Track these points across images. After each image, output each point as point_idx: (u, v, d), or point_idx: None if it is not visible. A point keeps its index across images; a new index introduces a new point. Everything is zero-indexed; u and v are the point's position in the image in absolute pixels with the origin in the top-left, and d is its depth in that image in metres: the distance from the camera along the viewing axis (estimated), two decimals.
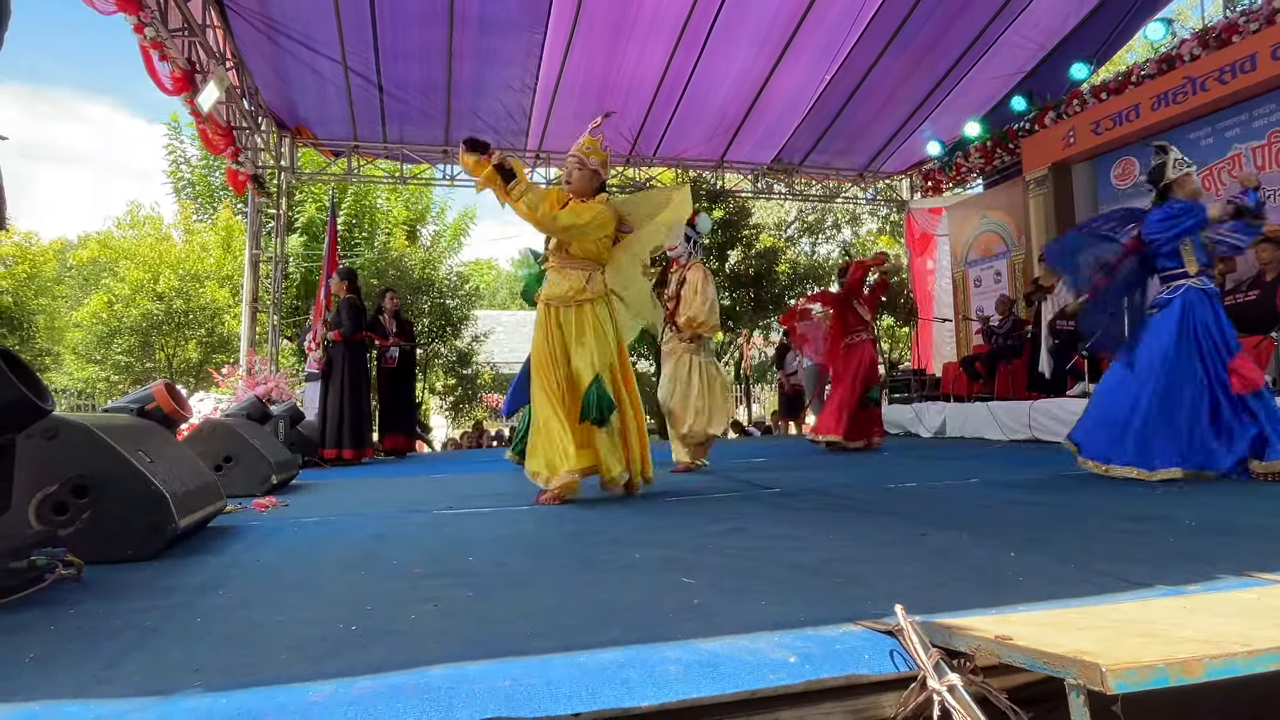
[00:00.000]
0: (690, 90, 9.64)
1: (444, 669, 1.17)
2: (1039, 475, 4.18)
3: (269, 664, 1.27)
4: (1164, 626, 1.19)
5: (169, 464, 2.53)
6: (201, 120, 7.63)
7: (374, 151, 10.69)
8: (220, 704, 1.06)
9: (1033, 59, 9.50)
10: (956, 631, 1.21)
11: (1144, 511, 2.77)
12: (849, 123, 10.75)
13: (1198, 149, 7.83)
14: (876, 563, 1.99)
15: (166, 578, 1.99)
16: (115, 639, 1.43)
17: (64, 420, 2.20)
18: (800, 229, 19.16)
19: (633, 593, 1.72)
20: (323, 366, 6.98)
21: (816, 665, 1.21)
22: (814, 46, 8.99)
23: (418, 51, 8.59)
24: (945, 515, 2.83)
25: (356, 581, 1.91)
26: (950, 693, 1.17)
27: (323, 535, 2.75)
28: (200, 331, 15.36)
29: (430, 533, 2.74)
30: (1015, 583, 1.74)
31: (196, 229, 16.39)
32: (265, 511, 3.47)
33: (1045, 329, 8.01)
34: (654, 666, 1.18)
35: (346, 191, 14.37)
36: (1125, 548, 2.11)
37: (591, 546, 2.34)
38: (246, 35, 8.05)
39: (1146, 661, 0.95)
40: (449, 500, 3.74)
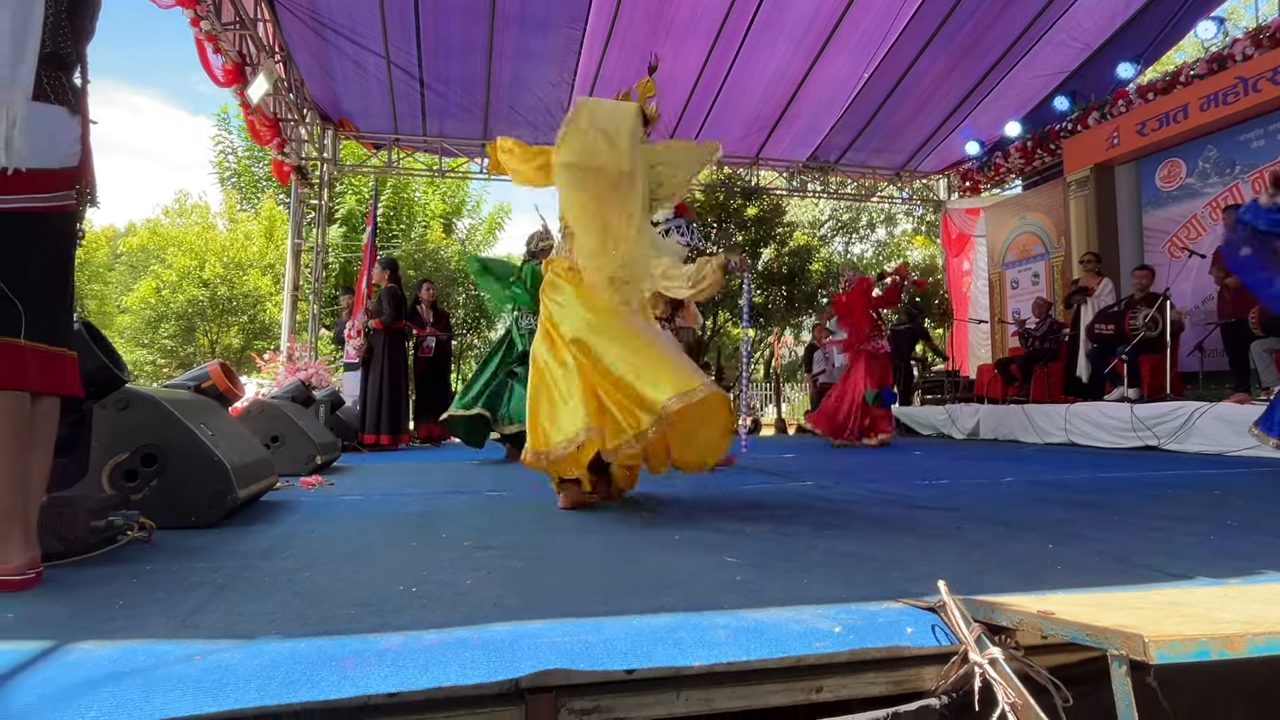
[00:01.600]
0: (727, 87, 9.64)
1: (505, 626, 1.24)
2: (1077, 477, 4.15)
3: (338, 618, 1.35)
4: (1205, 609, 1.21)
5: (228, 438, 2.65)
6: (250, 111, 7.84)
7: (413, 144, 10.87)
8: (300, 648, 1.14)
9: (1077, 58, 9.34)
10: (999, 607, 1.25)
11: (1188, 513, 2.75)
12: (886, 121, 10.67)
13: (1248, 151, 7.67)
14: (915, 550, 2.02)
15: (230, 543, 2.10)
16: (193, 592, 1.52)
17: (135, 392, 2.31)
18: (834, 228, 19.03)
19: (677, 568, 1.78)
20: (364, 354, 7.14)
21: (861, 636, 1.26)
22: (853, 44, 8.95)
23: (459, 46, 8.72)
24: (981, 510, 2.84)
25: (410, 551, 1.99)
26: (992, 665, 1.20)
27: (371, 511, 2.85)
28: (242, 318, 15.75)
29: (474, 511, 2.82)
30: (1054, 571, 1.77)
31: (240, 218, 16.80)
32: (312, 489, 3.59)
33: (1084, 333, 7.89)
34: (704, 630, 1.23)
35: (386, 184, 14.61)
36: (1166, 544, 2.11)
37: (632, 529, 2.40)
38: (294, 29, 8.24)
39: (1189, 635, 0.98)
40: (489, 484, 3.83)
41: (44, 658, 1.09)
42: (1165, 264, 8.35)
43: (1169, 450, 6.02)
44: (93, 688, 0.99)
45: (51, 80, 1.56)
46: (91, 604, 1.43)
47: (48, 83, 1.55)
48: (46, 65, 1.53)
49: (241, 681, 1.02)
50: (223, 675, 1.03)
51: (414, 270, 13.41)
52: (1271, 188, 3.84)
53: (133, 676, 1.02)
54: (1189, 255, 7.67)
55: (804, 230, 17.29)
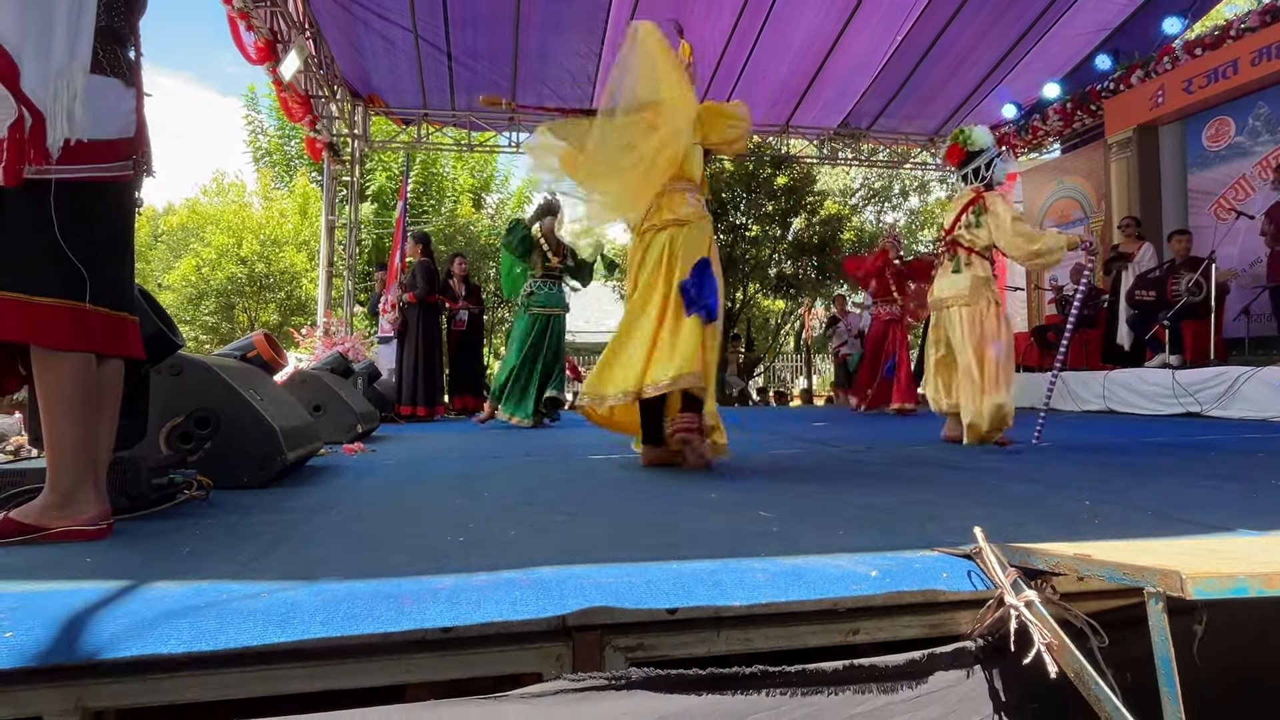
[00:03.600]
0: (757, 53, 9.50)
1: (552, 569, 1.29)
2: (1115, 440, 4.10)
3: (392, 563, 1.41)
4: (1244, 554, 1.22)
5: (276, 403, 2.74)
6: (283, 89, 7.92)
7: (442, 119, 10.90)
8: (359, 587, 1.20)
9: (1121, 14, 9.01)
10: (1035, 552, 1.27)
11: (1229, 472, 2.72)
12: (920, 86, 10.43)
13: None
14: (950, 506, 2.03)
15: (283, 500, 2.18)
16: (253, 541, 1.60)
17: (187, 358, 2.40)
18: (866, 196, 18.73)
19: (714, 522, 1.82)
20: (399, 327, 7.26)
21: (896, 580, 1.28)
22: (886, 6, 8.74)
23: (486, 18, 8.70)
24: (1017, 470, 2.84)
25: (454, 507, 2.06)
26: (1028, 608, 1.22)
27: (414, 473, 2.93)
28: (280, 294, 16.05)
29: (513, 473, 2.89)
30: (1091, 524, 1.78)
31: (275, 196, 17.05)
32: (355, 456, 3.70)
33: (1124, 299, 7.72)
34: (743, 573, 1.27)
35: (415, 159, 14.70)
36: (1206, 500, 2.10)
37: (668, 487, 2.45)
38: (323, 5, 8.28)
39: (1227, 572, 0.99)
40: (526, 450, 3.91)
41: (125, 594, 1.17)
42: (1210, 226, 8.10)
43: (1212, 416, 5.91)
44: (172, 619, 1.06)
45: (107, 53, 1.61)
46: (161, 552, 1.52)
47: (103, 56, 1.60)
48: (102, 39, 1.58)
49: (306, 615, 1.09)
50: (289, 609, 1.09)
51: (445, 245, 13.53)
52: None
53: (207, 610, 1.09)
54: (1237, 217, 7.41)
55: (835, 199, 17.06)
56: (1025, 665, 1.20)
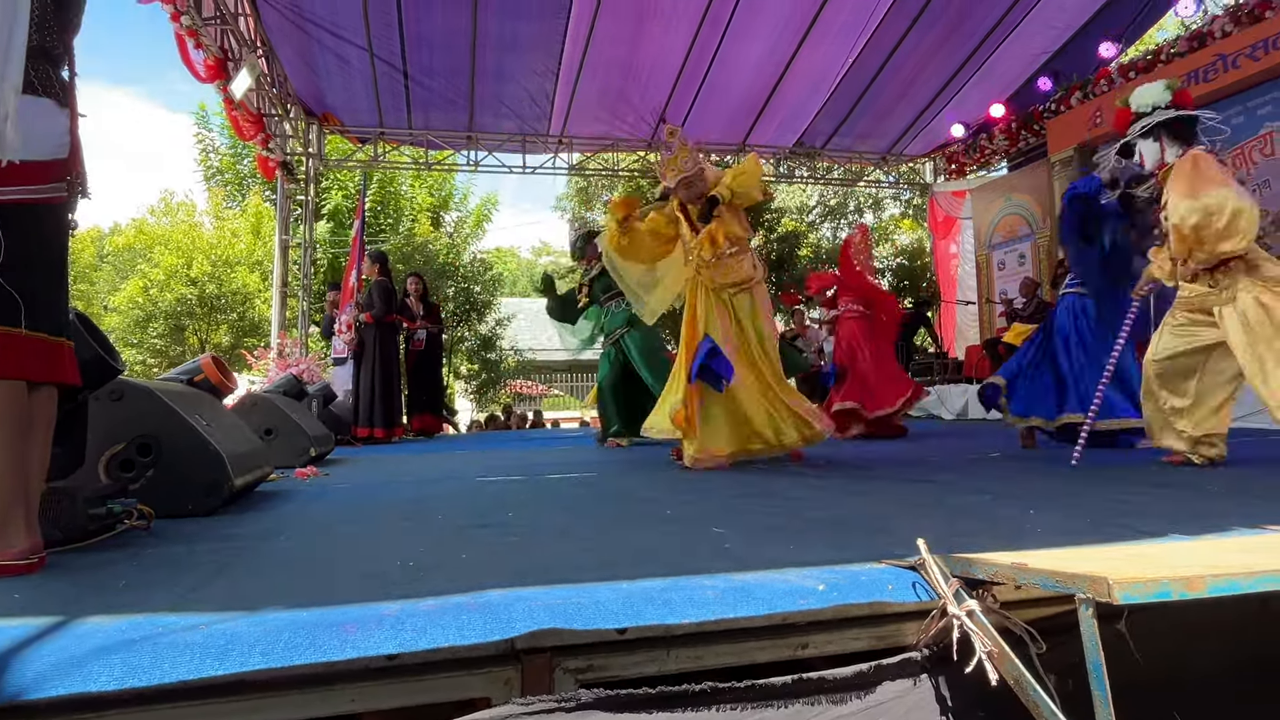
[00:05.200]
0: (713, 73, 9.65)
1: (500, 591, 1.28)
2: (1062, 450, 4.21)
3: (338, 590, 1.38)
4: (1170, 558, 1.27)
5: (223, 428, 2.67)
6: (234, 107, 7.80)
7: (399, 138, 10.83)
8: (302, 616, 1.18)
9: (1059, 39, 9.39)
10: (975, 562, 1.30)
11: (1170, 480, 2.82)
12: (871, 106, 10.70)
13: (1229, 127, 7.73)
14: (900, 518, 2.07)
15: (229, 528, 2.13)
16: (194, 571, 1.56)
17: (129, 383, 2.34)
18: (822, 213, 19.07)
19: (668, 540, 1.82)
20: (355, 348, 7.15)
21: (844, 593, 1.30)
22: (837, 28, 8.96)
23: (442, 37, 8.69)
24: (968, 482, 2.90)
25: (406, 531, 2.03)
26: (969, 617, 1.25)
27: (367, 497, 2.88)
28: (231, 316, 15.68)
29: (468, 496, 2.86)
30: (1034, 534, 1.82)
31: (227, 216, 16.70)
32: (307, 480, 3.62)
33: None
34: (693, 591, 1.28)
35: (372, 178, 14.56)
36: (1144, 507, 2.17)
37: (624, 505, 2.45)
38: (276, 23, 8.19)
39: (1150, 576, 1.03)
40: (482, 471, 3.87)
41: (54, 631, 1.13)
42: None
43: None
44: (104, 655, 1.02)
45: (39, 73, 1.57)
46: (95, 585, 1.47)
47: (35, 76, 1.56)
48: (34, 59, 1.55)
49: (246, 646, 1.06)
50: (228, 641, 1.07)
51: (403, 264, 13.39)
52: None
53: (141, 644, 1.05)
54: None
55: (791, 216, 17.33)
56: (969, 673, 1.22)
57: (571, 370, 24.31)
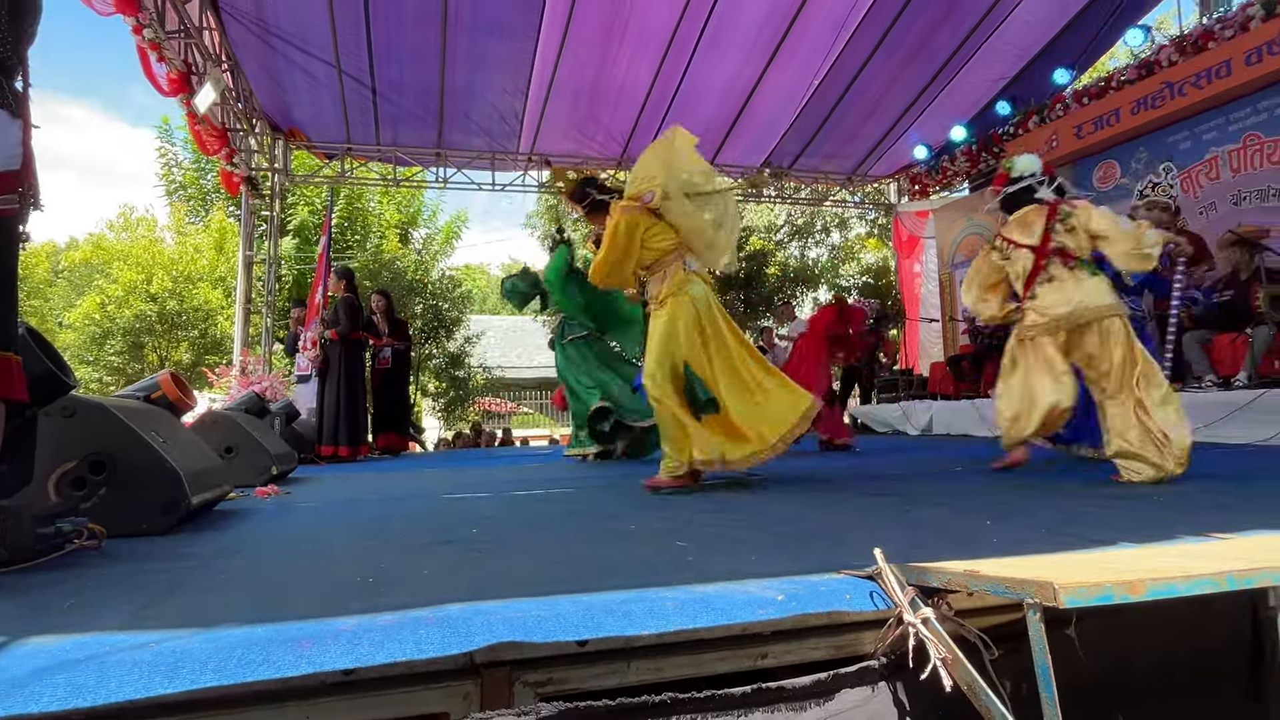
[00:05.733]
0: (681, 94, 9.77)
1: (460, 605, 1.27)
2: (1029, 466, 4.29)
3: (294, 607, 1.36)
4: (1116, 564, 1.31)
5: (180, 445, 2.62)
6: (197, 122, 7.70)
7: (367, 154, 10.76)
8: (256, 632, 1.16)
9: (1016, 65, 9.69)
10: (930, 570, 1.32)
11: (1123, 492, 2.89)
12: (837, 127, 10.91)
13: (1177, 152, 8.03)
14: (860, 530, 2.10)
15: (184, 546, 2.08)
16: (146, 590, 1.52)
17: (81, 400, 2.28)
18: (790, 232, 19.33)
19: (631, 554, 1.82)
20: (320, 365, 7.05)
21: (802, 603, 1.32)
22: (801, 52, 9.15)
23: (411, 54, 8.69)
24: (928, 495, 2.95)
25: (368, 548, 2.01)
26: (924, 624, 1.28)
27: (329, 515, 2.84)
28: (193, 333, 15.37)
29: (433, 512, 2.83)
30: (990, 543, 1.86)
31: (189, 231, 16.41)
32: (268, 498, 3.55)
33: None
34: (653, 603, 1.28)
35: (339, 194, 14.44)
36: (1096, 517, 2.23)
37: (589, 521, 2.45)
38: (241, 38, 8.13)
39: (1094, 581, 1.06)
40: (448, 488, 3.83)
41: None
42: None
43: None
44: (46, 675, 1.00)
45: None
46: (40, 605, 1.43)
47: None
48: None
49: (197, 664, 1.04)
50: (178, 658, 1.05)
51: (370, 281, 13.27)
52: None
53: (87, 663, 1.03)
54: None
55: (760, 235, 17.54)
56: (925, 680, 1.24)
57: (541, 387, 24.22)
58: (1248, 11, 7.06)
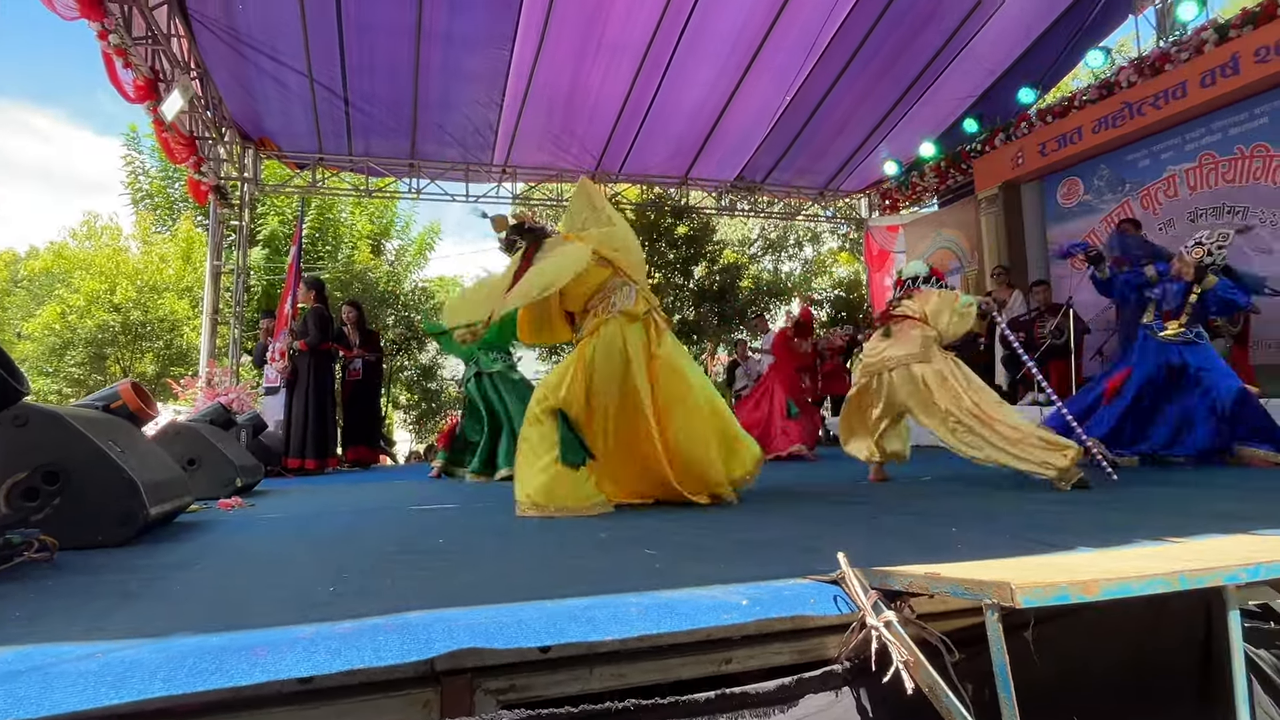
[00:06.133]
0: (655, 108, 9.84)
1: (422, 613, 1.25)
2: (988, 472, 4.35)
3: (252, 616, 1.33)
4: (1073, 567, 1.33)
5: (139, 456, 2.56)
6: (164, 129, 7.58)
7: (339, 164, 10.68)
8: (210, 641, 1.13)
9: (983, 83, 9.90)
10: (892, 574, 1.33)
11: (1082, 498, 2.95)
12: (809, 143, 11.05)
13: (1136, 169, 8.25)
14: (828, 538, 2.10)
15: (141, 558, 2.03)
16: (99, 601, 1.48)
17: (35, 408, 2.23)
18: (763, 246, 19.51)
19: (599, 561, 1.82)
20: (288, 376, 6.94)
21: (766, 607, 1.32)
22: (774, 68, 9.27)
23: (385, 65, 8.66)
24: (896, 503, 2.98)
25: (332, 558, 1.98)
26: (886, 628, 1.28)
27: (294, 527, 2.79)
28: (158, 344, 15.06)
29: (400, 524, 2.80)
30: (955, 550, 1.88)
31: (155, 240, 16.12)
32: (231, 511, 3.48)
33: (998, 342, 8.30)
34: (617, 609, 1.27)
35: (310, 204, 14.30)
36: (1057, 523, 2.27)
37: (558, 530, 2.43)
38: (211, 46, 8.04)
39: (1050, 581, 1.08)
40: (417, 500, 3.79)
41: None
42: (1068, 275, 8.87)
43: None
44: None
45: None
46: None
47: None
48: None
49: (146, 673, 1.01)
50: (126, 668, 1.02)
51: (341, 292, 13.13)
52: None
53: (30, 674, 1.00)
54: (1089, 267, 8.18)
55: (734, 248, 17.67)
56: (887, 684, 1.25)
57: None
58: (1201, 35, 7.30)
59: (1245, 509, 2.44)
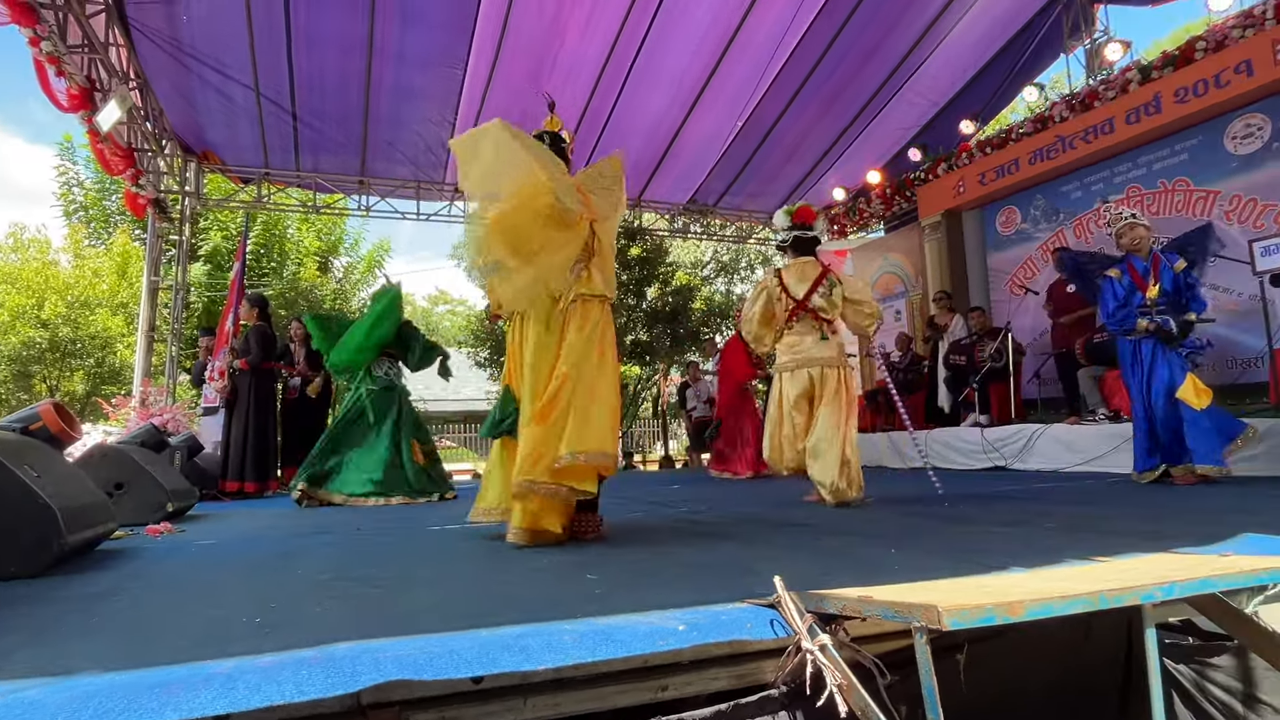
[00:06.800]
0: (608, 131, 9.91)
1: (349, 644, 1.22)
2: (929, 493, 4.45)
3: (170, 651, 1.28)
4: (1003, 588, 1.36)
5: (57, 481, 2.44)
6: (100, 140, 7.34)
7: (285, 180, 10.47)
8: (120, 680, 1.08)
9: (927, 114, 10.26)
10: (827, 597, 1.35)
11: (1016, 519, 3.03)
12: (760, 168, 11.27)
13: (1069, 200, 8.62)
14: (770, 560, 2.12)
15: (57, 589, 1.93)
16: (4, 638, 1.40)
17: None
18: (715, 268, 19.75)
19: (538, 588, 1.79)
20: (228, 395, 6.72)
21: (703, 633, 1.32)
22: (726, 95, 9.45)
23: (335, 81, 8.55)
24: (838, 524, 3.01)
25: (261, 586, 1.91)
26: (821, 651, 1.29)
27: (225, 553, 2.69)
28: (89, 362, 14.44)
29: (338, 548, 2.72)
30: (892, 571, 1.91)
31: (89, 254, 15.50)
32: (159, 537, 3.34)
33: (941, 364, 8.52)
34: (551, 637, 1.25)
35: (256, 219, 13.96)
36: (993, 544, 2.32)
37: (502, 555, 2.39)
38: (152, 56, 7.83)
39: (976, 603, 1.10)
40: (358, 524, 3.69)
41: None
42: (1006, 300, 9.18)
43: (1014, 469, 6.57)
44: None
45: None
46: None
47: None
48: None
49: (46, 716, 0.96)
50: (24, 711, 0.96)
51: (286, 310, 12.81)
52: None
53: None
54: (1025, 293, 8.49)
55: (686, 270, 17.82)
56: (821, 707, 1.26)
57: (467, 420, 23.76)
58: (1127, 75, 7.70)
59: (1167, 529, 2.53)
